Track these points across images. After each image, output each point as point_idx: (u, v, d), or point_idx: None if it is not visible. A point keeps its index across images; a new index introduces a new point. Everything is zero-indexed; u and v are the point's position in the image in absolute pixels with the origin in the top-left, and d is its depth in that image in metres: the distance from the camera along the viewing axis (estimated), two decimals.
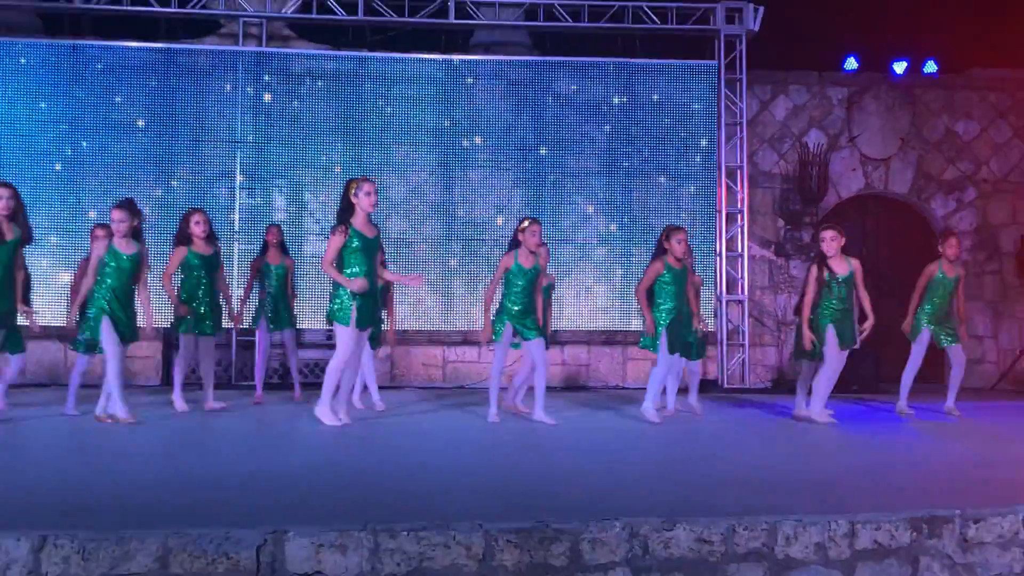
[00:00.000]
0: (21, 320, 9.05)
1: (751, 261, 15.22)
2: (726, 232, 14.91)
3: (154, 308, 10.05)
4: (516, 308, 9.58)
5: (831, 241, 9.71)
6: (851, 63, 15.84)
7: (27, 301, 9.38)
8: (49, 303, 12.84)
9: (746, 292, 15.04)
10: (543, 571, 4.07)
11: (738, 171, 14.99)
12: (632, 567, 4.12)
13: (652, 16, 14.87)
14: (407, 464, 6.85)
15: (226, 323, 10.93)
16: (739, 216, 14.99)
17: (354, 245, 8.71)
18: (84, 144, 14.05)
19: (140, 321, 9.38)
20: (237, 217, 14.07)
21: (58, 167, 13.96)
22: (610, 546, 4.11)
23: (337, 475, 6.21)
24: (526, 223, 9.75)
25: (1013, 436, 9.09)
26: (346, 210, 8.79)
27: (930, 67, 15.88)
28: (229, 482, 5.81)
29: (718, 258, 14.83)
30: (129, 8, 14.16)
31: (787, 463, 7.09)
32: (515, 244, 9.66)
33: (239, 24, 14.65)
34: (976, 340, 15.60)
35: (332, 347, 9.67)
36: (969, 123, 15.96)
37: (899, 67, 15.75)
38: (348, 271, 8.75)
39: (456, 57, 14.96)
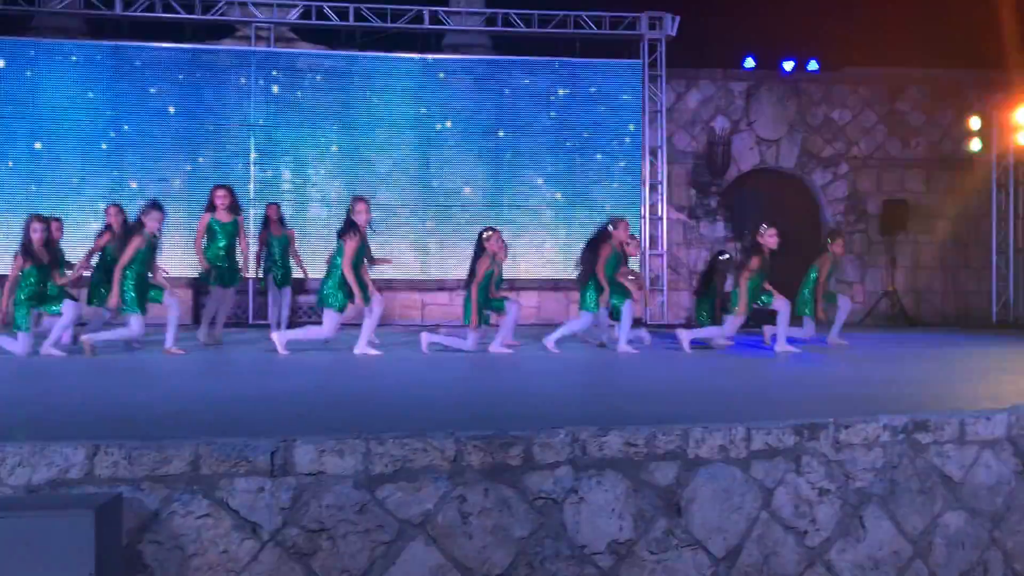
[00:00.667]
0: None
1: (669, 223, 15.35)
2: (649, 199, 15.05)
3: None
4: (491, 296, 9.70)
5: (772, 237, 9.87)
6: (749, 62, 15.99)
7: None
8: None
9: (665, 248, 15.23)
10: (502, 469, 4.00)
11: (659, 150, 15.10)
12: (574, 466, 4.05)
13: (589, 23, 14.95)
14: (391, 385, 6.82)
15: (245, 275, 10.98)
16: (659, 186, 15.13)
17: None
18: (125, 127, 14.02)
19: None
20: (252, 187, 14.05)
21: (104, 146, 13.94)
22: (555, 449, 4.05)
23: (333, 395, 6.16)
24: (488, 232, 9.72)
25: (876, 360, 9.09)
26: (351, 224, 9.10)
27: (812, 65, 16.07)
28: (246, 401, 5.77)
29: (643, 220, 14.87)
30: (161, 15, 14.10)
31: (697, 382, 7.09)
32: (482, 251, 9.58)
33: (251, 28, 14.59)
34: (846, 284, 15.95)
35: None
36: (843, 111, 16.10)
37: (788, 65, 15.91)
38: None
39: (430, 56, 14.94)
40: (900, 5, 16.60)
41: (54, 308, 9.11)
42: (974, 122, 15.74)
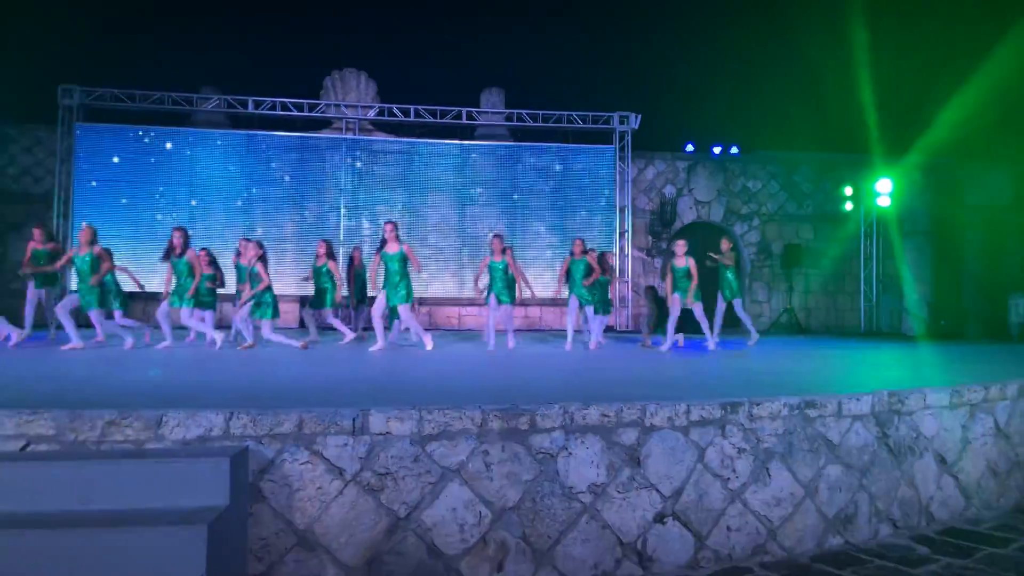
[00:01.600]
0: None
1: (633, 259, 15.44)
2: (619, 242, 15.13)
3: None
4: (494, 284, 9.33)
5: (681, 247, 9.65)
6: (689, 147, 16.07)
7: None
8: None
9: (630, 276, 15.32)
10: (514, 432, 4.01)
11: (626, 208, 15.14)
12: (565, 430, 4.06)
13: (577, 119, 15.10)
14: (437, 372, 6.77)
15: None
16: (626, 233, 15.16)
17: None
18: (253, 191, 14.15)
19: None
20: (342, 234, 14.19)
21: (239, 203, 14.07)
22: (552, 418, 4.06)
23: (397, 379, 6.12)
24: (491, 235, 9.68)
25: (777, 357, 8.76)
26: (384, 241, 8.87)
27: (734, 149, 16.13)
28: (335, 381, 5.76)
29: (615, 257, 14.95)
30: (280, 112, 14.28)
31: (651, 371, 6.96)
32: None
33: (343, 122, 14.76)
34: (758, 304, 16.00)
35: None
36: (755, 181, 16.17)
37: (716, 149, 16.01)
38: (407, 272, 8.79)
39: (466, 142, 15.02)
40: (795, 105, 16.65)
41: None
42: (847, 190, 15.81)
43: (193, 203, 13.88)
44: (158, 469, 3.39)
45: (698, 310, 9.48)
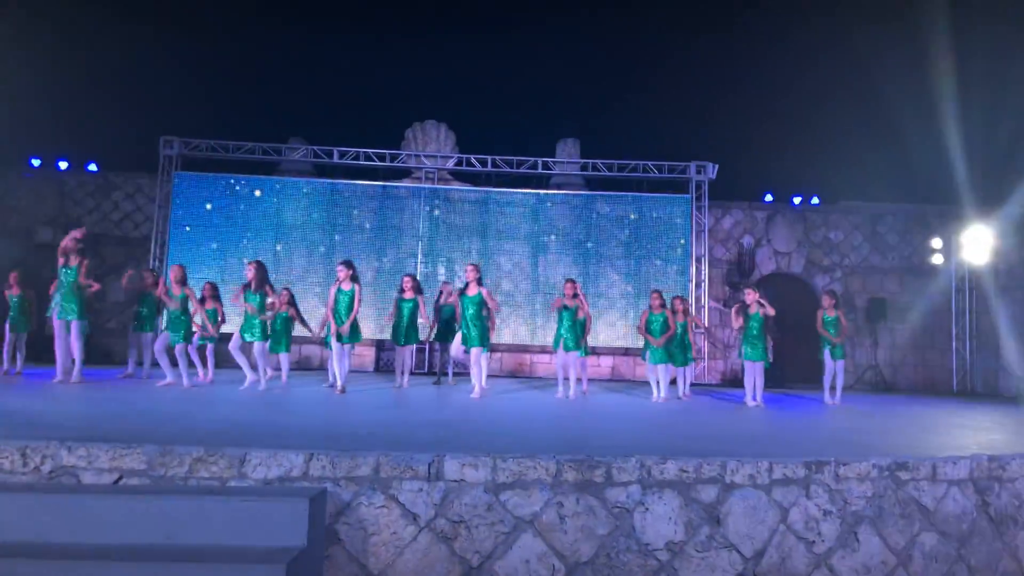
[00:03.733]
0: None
1: (709, 310, 15.21)
2: (695, 293, 14.93)
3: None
4: (563, 332, 9.49)
5: (750, 295, 9.59)
6: (768, 197, 15.82)
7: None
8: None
9: (706, 327, 15.08)
10: (589, 484, 3.97)
11: (702, 258, 14.95)
12: (641, 484, 4.00)
13: (653, 169, 15.06)
14: (510, 418, 6.73)
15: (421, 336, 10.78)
16: (703, 284, 14.93)
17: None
18: (336, 237, 14.53)
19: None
20: (419, 277, 14.43)
21: (322, 249, 14.49)
22: (628, 471, 4.00)
23: (472, 424, 6.12)
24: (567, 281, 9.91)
25: (864, 416, 8.57)
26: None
27: (815, 200, 15.83)
28: (411, 425, 5.78)
29: (691, 308, 14.69)
30: (363, 163, 14.76)
31: (731, 427, 6.87)
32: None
33: (422, 172, 15.15)
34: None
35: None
36: (837, 232, 15.75)
37: (796, 200, 15.73)
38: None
39: (542, 191, 15.12)
40: (879, 153, 16.27)
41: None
42: (935, 242, 15.25)
43: (278, 248, 14.38)
44: (240, 508, 3.46)
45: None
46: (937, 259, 15.31)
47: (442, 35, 18.16)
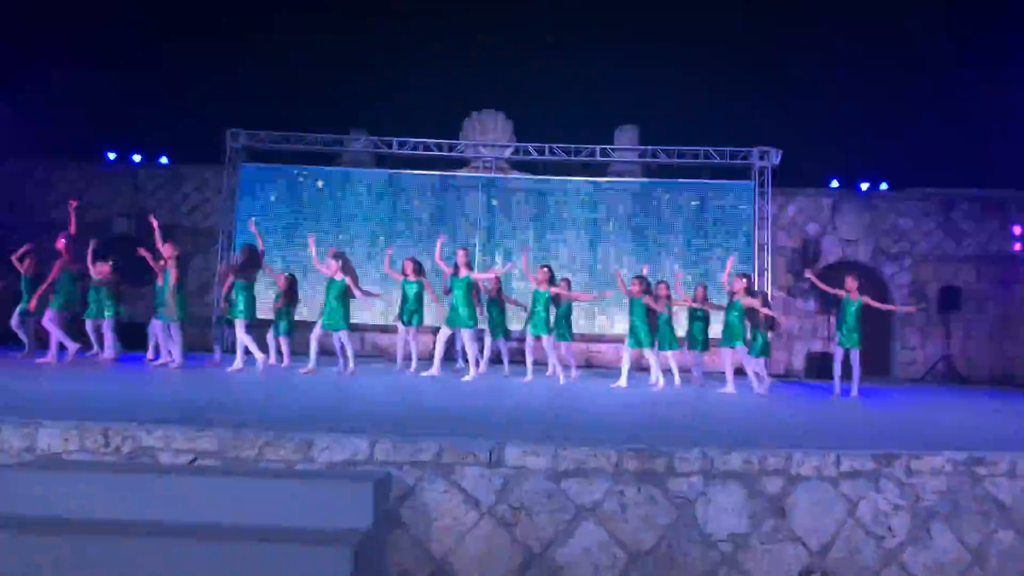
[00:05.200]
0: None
1: (773, 299, 14.85)
2: (759, 281, 14.62)
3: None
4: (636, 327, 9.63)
5: (852, 281, 9.58)
6: (834, 183, 15.39)
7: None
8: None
9: (772, 316, 14.69)
10: (651, 474, 3.94)
11: (766, 246, 14.64)
12: (704, 475, 3.96)
13: (714, 155, 14.78)
14: (572, 407, 6.71)
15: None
16: (766, 272, 14.63)
17: None
18: (396, 226, 14.81)
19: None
20: (476, 270, 14.51)
21: (381, 239, 14.67)
22: (691, 462, 3.97)
23: (534, 412, 6.13)
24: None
25: (937, 409, 8.35)
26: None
27: (883, 186, 15.34)
28: (473, 412, 5.83)
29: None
30: (422, 152, 14.90)
31: (797, 418, 6.72)
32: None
33: (480, 162, 15.22)
34: (910, 350, 14.97)
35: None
36: (906, 219, 15.23)
37: (864, 186, 15.27)
38: None
39: (600, 179, 15.05)
40: (950, 137, 15.63)
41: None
42: (1015, 228, 14.64)
43: (339, 237, 14.63)
44: (307, 490, 3.56)
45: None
46: (1016, 247, 14.69)
47: (499, 23, 18.15)
